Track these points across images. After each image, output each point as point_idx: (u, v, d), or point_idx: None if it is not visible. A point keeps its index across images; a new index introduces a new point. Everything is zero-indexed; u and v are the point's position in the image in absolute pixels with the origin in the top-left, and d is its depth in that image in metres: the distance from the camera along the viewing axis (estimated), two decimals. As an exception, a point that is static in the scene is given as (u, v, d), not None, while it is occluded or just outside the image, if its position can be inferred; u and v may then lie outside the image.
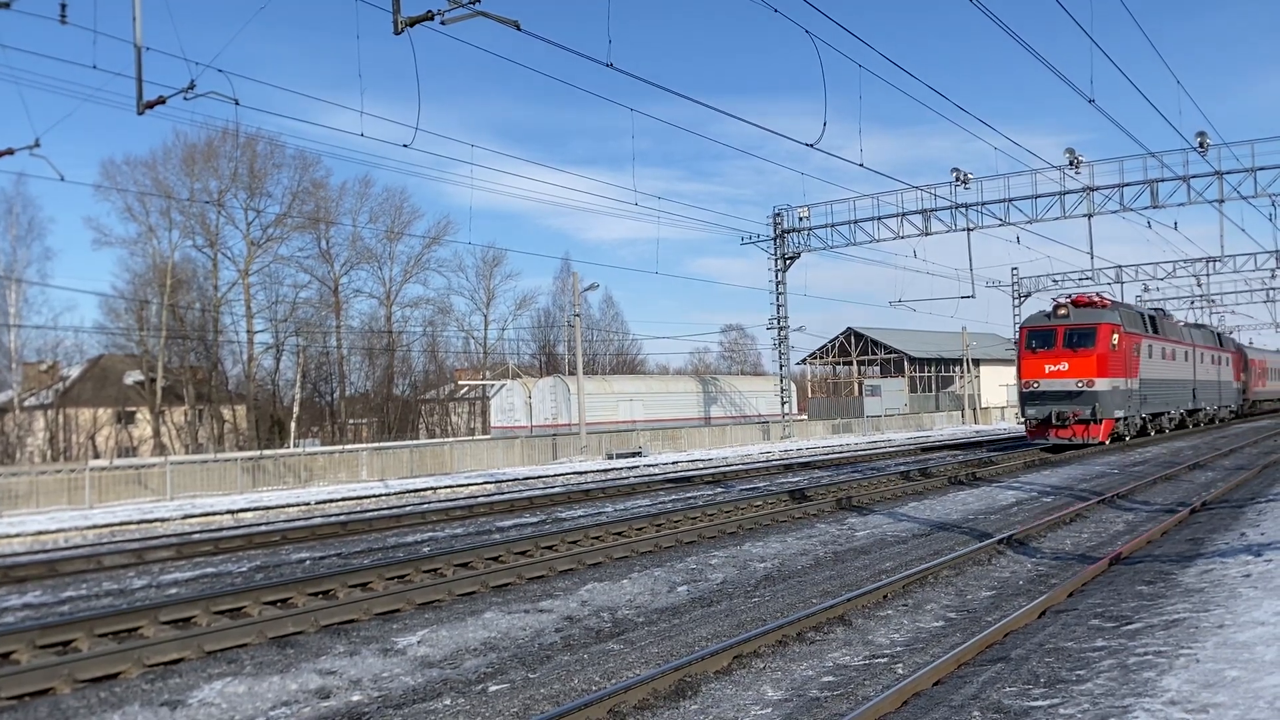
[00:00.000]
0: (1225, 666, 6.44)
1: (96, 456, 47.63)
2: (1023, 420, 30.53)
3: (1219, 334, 47.25)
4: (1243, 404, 49.72)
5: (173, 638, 8.14)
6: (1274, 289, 57.71)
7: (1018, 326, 30.60)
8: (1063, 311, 29.81)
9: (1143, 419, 31.99)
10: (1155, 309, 37.89)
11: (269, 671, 7.44)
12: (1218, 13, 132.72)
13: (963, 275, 60.96)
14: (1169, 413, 35.06)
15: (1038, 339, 29.80)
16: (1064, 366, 28.76)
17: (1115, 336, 29.01)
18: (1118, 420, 29.28)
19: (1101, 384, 28.37)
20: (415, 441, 43.07)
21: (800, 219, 44.91)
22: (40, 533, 18.31)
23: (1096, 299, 30.58)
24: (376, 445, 36.69)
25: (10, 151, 15.76)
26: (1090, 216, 37.11)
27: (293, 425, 55.28)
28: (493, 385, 57.49)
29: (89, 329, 61.51)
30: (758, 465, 30.10)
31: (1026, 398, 29.68)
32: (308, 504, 22.38)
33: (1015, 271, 59.24)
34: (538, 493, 22.19)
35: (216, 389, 55.51)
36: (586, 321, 62.29)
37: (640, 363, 79.55)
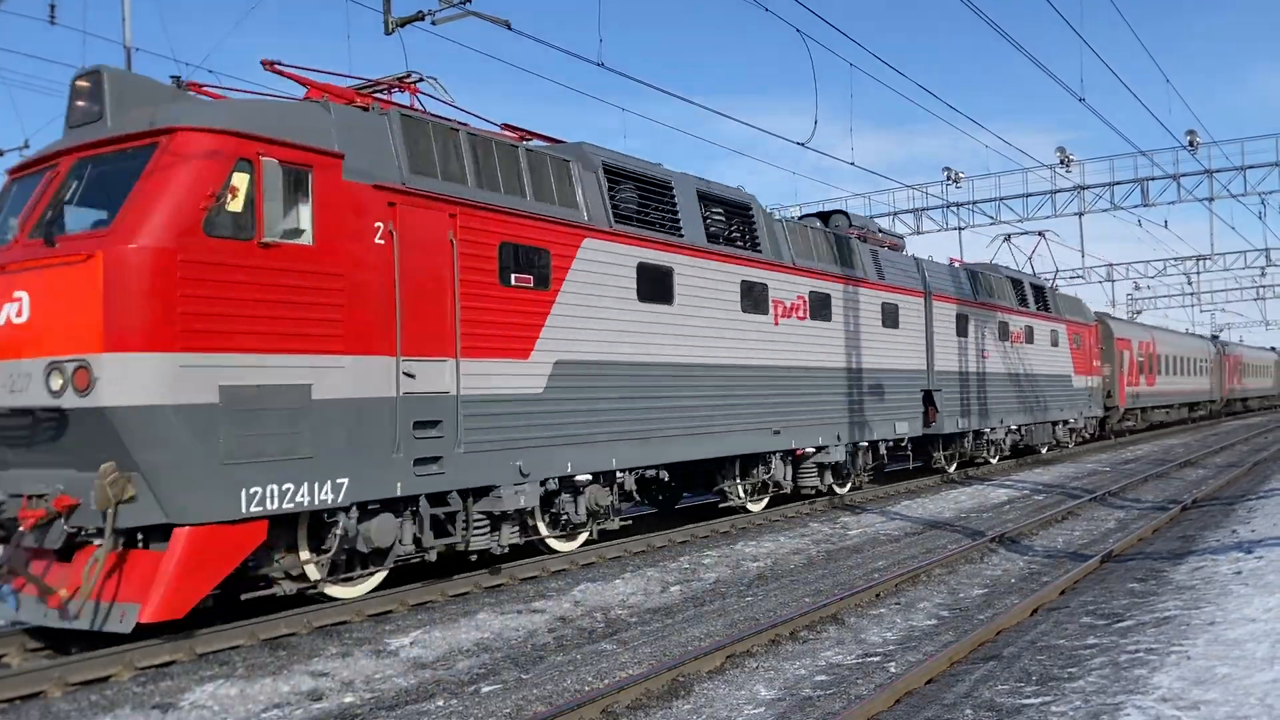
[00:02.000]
0: (1216, 663, 6.47)
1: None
2: None
3: (1040, 286, 25.72)
4: (1103, 417, 30.34)
5: (164, 639, 8.11)
6: (1264, 287, 57.93)
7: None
8: (80, 101, 8.24)
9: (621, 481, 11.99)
10: (838, 218, 20.32)
11: (261, 674, 7.42)
12: (1207, 12, 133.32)
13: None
14: (816, 443, 15.56)
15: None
16: (17, 310, 7.50)
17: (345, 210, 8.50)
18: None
19: (131, 366, 7.12)
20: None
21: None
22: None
23: (389, 91, 10.77)
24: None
25: (0, 153, 15.72)
26: (1081, 215, 37.23)
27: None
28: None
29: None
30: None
31: None
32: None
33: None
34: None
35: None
36: (579, 321, 61.98)
37: (633, 362, 79.49)
